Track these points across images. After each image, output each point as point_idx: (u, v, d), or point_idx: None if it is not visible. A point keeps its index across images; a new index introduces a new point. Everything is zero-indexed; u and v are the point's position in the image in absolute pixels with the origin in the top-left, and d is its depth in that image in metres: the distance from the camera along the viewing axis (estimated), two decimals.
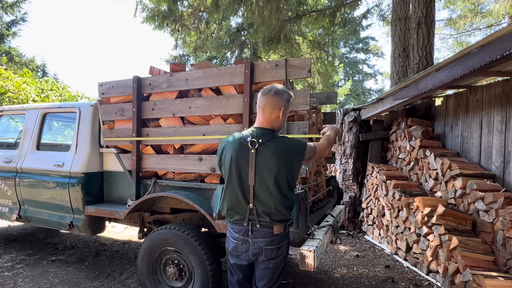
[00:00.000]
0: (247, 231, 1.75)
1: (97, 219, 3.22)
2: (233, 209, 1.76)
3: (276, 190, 1.67)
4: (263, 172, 1.67)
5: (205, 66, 2.85)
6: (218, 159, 1.83)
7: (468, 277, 2.69)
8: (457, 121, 4.08)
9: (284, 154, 1.68)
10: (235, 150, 1.71)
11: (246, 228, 1.75)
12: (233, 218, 1.77)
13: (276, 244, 1.75)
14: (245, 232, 1.75)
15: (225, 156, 1.76)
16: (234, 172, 1.71)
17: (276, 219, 1.71)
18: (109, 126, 3.18)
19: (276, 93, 1.74)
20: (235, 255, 1.82)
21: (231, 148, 1.74)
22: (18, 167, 3.49)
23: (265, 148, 1.68)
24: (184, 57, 15.19)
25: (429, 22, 5.43)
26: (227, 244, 1.85)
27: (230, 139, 1.79)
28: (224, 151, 1.77)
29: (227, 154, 1.74)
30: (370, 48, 23.02)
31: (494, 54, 2.33)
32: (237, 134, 1.79)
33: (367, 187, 5.09)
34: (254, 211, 1.71)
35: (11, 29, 17.37)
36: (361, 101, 21.44)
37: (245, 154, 1.70)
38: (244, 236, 1.76)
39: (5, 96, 7.98)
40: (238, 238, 1.77)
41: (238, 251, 1.79)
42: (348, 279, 3.37)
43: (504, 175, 3.28)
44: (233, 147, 1.73)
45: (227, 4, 7.93)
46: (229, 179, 1.74)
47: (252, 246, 1.75)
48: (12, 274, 3.35)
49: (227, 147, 1.77)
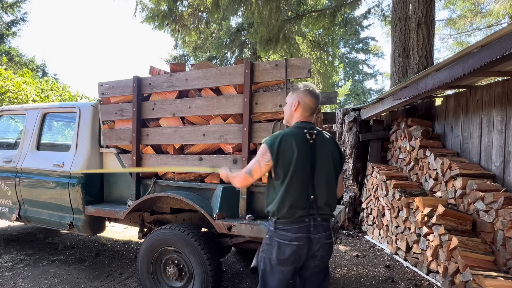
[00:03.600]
0: (308, 228, 1.67)
1: (97, 219, 3.22)
2: (295, 205, 1.66)
3: (334, 180, 1.74)
4: (323, 162, 1.71)
5: (205, 66, 2.85)
6: (275, 155, 1.68)
7: (468, 277, 2.69)
8: (457, 121, 4.08)
9: (336, 145, 1.81)
10: (297, 142, 1.69)
11: (307, 224, 1.67)
12: (295, 215, 1.66)
13: (331, 239, 1.73)
14: (307, 229, 1.67)
15: (285, 150, 1.68)
16: (300, 165, 1.67)
17: (334, 210, 1.74)
18: (109, 126, 3.18)
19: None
20: (291, 261, 1.67)
21: (291, 141, 1.69)
22: (18, 167, 3.49)
23: (321, 138, 1.76)
24: (184, 57, 15.20)
25: (429, 22, 5.43)
26: (279, 253, 1.67)
27: (286, 133, 1.73)
28: (282, 145, 1.68)
29: (288, 147, 1.68)
30: (370, 48, 23.02)
31: (494, 54, 2.33)
32: (288, 129, 1.77)
33: (367, 187, 5.09)
34: (315, 204, 1.68)
35: (11, 29, 17.38)
36: (361, 101, 21.44)
37: (305, 145, 1.70)
38: (306, 233, 1.66)
39: (5, 96, 7.98)
40: (299, 238, 1.65)
41: (298, 254, 1.66)
42: (348, 279, 3.37)
43: (504, 175, 3.28)
44: (293, 140, 1.69)
45: (227, 4, 7.93)
46: (293, 173, 1.66)
47: (313, 243, 1.67)
48: (12, 274, 3.35)
49: (285, 140, 1.69)
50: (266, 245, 1.75)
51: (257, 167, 1.73)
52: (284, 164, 1.68)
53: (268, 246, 1.73)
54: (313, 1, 9.87)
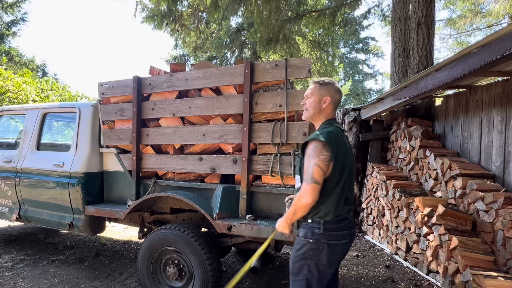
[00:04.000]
0: (349, 223, 1.70)
1: (97, 219, 3.22)
2: (342, 203, 1.65)
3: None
4: (352, 158, 1.74)
5: (205, 66, 2.85)
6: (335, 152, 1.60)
7: (468, 277, 2.69)
8: (457, 121, 4.08)
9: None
10: (344, 140, 1.71)
11: (349, 220, 1.70)
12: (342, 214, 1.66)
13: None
14: (350, 225, 1.69)
15: (340, 148, 1.64)
16: (348, 163, 1.66)
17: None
18: (109, 126, 3.18)
19: None
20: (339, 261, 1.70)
21: (342, 138, 1.70)
22: (18, 167, 3.49)
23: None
24: (184, 57, 15.20)
25: (429, 22, 5.43)
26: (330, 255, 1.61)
27: (334, 130, 1.68)
28: (338, 142, 1.65)
29: (341, 145, 1.65)
30: (370, 48, 23.02)
31: (494, 54, 2.33)
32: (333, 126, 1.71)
33: (367, 187, 5.09)
34: (349, 199, 1.71)
35: (11, 29, 17.37)
36: (361, 101, 21.43)
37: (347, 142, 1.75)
38: (350, 229, 1.69)
39: (5, 96, 7.99)
40: (346, 235, 1.65)
41: (345, 252, 1.70)
42: (348, 279, 3.37)
43: (504, 175, 3.28)
44: (343, 137, 1.71)
45: (227, 4, 7.93)
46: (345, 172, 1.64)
47: (353, 238, 1.73)
48: (12, 274, 3.35)
49: (338, 138, 1.66)
50: (311, 251, 1.62)
51: (319, 171, 1.56)
52: (340, 164, 1.62)
53: (314, 251, 1.61)
54: (313, 1, 9.86)
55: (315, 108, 1.76)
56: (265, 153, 2.48)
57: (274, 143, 2.40)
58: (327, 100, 1.74)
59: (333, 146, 1.60)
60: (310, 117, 1.80)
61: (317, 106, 1.76)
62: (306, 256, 1.63)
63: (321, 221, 1.62)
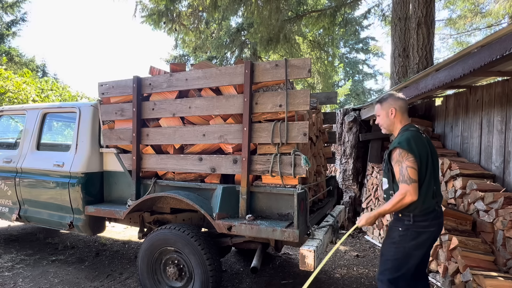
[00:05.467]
0: (437, 214, 1.97)
1: (97, 219, 3.22)
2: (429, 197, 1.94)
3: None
4: (435, 156, 2.03)
5: (205, 66, 2.85)
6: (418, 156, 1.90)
7: (468, 277, 2.69)
8: (457, 121, 4.08)
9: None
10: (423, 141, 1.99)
11: (437, 211, 1.97)
12: (430, 207, 1.93)
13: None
14: (438, 216, 1.97)
15: (421, 150, 1.93)
16: (430, 161, 1.97)
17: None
18: (109, 126, 3.18)
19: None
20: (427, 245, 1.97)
21: (421, 140, 1.98)
22: (18, 167, 3.49)
23: (427, 135, 2.11)
24: (184, 57, 15.20)
25: (429, 22, 5.43)
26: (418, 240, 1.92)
27: (413, 135, 1.97)
28: (418, 145, 1.93)
29: (421, 147, 1.94)
30: (370, 48, 23.01)
31: (494, 54, 2.33)
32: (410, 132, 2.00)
33: (367, 187, 5.09)
34: (437, 193, 2.00)
35: (11, 29, 17.37)
36: (361, 101, 21.43)
37: (427, 143, 2.01)
38: (438, 219, 1.97)
39: (5, 96, 7.99)
40: (433, 224, 1.94)
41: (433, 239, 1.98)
42: (348, 279, 3.37)
43: (504, 175, 3.28)
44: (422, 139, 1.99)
45: (227, 4, 7.93)
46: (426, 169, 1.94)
47: (441, 228, 2.01)
48: (12, 274, 3.35)
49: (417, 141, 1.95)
50: (399, 237, 1.97)
51: (412, 171, 1.87)
52: (424, 163, 1.92)
53: (402, 237, 1.95)
54: (313, 1, 9.87)
55: (386, 122, 2.13)
56: (265, 153, 2.48)
57: (274, 143, 2.40)
58: (393, 111, 2.07)
59: (414, 149, 1.89)
60: (387, 130, 2.17)
61: (386, 121, 2.11)
62: (394, 241, 2.00)
63: (410, 215, 1.93)
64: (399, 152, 1.92)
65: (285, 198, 2.42)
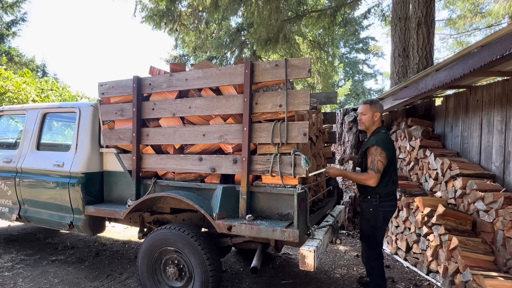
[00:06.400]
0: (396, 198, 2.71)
1: (97, 219, 3.22)
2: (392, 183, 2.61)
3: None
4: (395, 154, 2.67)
5: (205, 66, 2.85)
6: (391, 154, 2.54)
7: (468, 277, 2.69)
8: (457, 121, 4.08)
9: None
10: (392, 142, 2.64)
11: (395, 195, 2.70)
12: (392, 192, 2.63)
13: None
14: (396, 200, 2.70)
15: (391, 148, 2.57)
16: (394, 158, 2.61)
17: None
18: (109, 126, 3.18)
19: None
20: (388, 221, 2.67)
21: (391, 140, 2.63)
22: (18, 167, 3.49)
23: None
24: (184, 57, 15.20)
25: (429, 22, 5.43)
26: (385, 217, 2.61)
27: (386, 137, 2.59)
28: (389, 143, 2.57)
29: (391, 146, 2.58)
30: (370, 48, 23.01)
31: (494, 54, 2.33)
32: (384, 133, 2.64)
33: None
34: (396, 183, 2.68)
35: (11, 29, 17.36)
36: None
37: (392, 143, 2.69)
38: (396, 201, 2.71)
39: (5, 96, 7.98)
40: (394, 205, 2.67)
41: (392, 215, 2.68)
42: (348, 279, 3.37)
43: (504, 175, 3.28)
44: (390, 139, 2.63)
45: (227, 4, 7.92)
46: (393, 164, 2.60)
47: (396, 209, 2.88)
48: (12, 274, 3.35)
49: (389, 142, 2.59)
50: (371, 216, 2.62)
51: (381, 165, 2.49)
52: (390, 159, 2.53)
53: (373, 216, 2.61)
54: (313, 1, 9.87)
55: (369, 122, 2.68)
56: (265, 153, 2.48)
57: (274, 143, 2.40)
58: (378, 116, 2.67)
59: (387, 148, 2.50)
60: (365, 128, 2.74)
61: (370, 120, 2.67)
62: (368, 219, 2.65)
63: (377, 196, 2.58)
64: (375, 148, 2.50)
65: (285, 198, 2.42)
